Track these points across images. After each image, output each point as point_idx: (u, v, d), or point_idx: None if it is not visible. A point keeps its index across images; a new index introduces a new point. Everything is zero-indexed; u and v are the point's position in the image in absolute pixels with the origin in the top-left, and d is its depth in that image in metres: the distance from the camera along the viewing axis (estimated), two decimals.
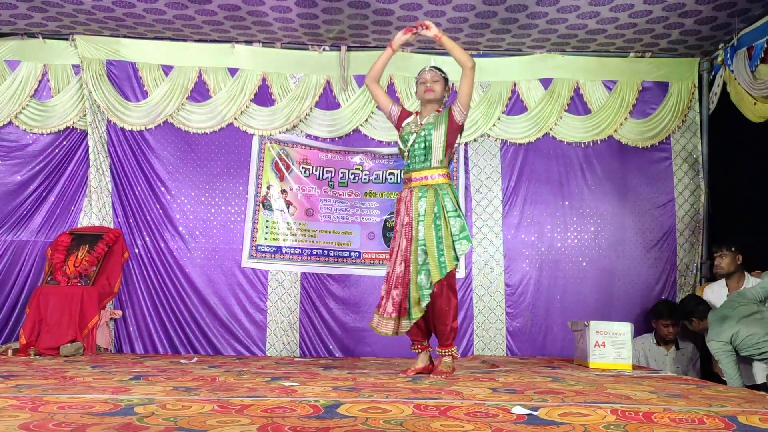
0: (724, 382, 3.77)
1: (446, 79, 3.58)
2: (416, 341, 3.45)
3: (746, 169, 4.80)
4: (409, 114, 3.62)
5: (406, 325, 3.32)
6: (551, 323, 4.92)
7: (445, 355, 3.39)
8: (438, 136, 3.38)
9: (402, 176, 3.69)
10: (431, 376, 3.27)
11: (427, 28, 3.46)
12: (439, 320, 3.34)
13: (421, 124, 3.44)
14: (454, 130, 3.43)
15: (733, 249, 4.30)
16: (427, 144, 3.38)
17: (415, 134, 3.42)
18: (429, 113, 3.51)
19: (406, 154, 3.45)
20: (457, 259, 3.29)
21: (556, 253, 5.08)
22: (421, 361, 3.42)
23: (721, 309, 3.91)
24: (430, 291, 3.25)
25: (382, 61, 3.64)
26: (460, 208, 3.36)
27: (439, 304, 3.29)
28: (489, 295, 5.00)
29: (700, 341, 4.55)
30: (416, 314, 3.27)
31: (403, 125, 3.55)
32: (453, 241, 3.26)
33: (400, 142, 3.51)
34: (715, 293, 4.38)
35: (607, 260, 5.07)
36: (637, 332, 4.63)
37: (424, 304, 3.25)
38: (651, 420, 1.97)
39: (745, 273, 4.34)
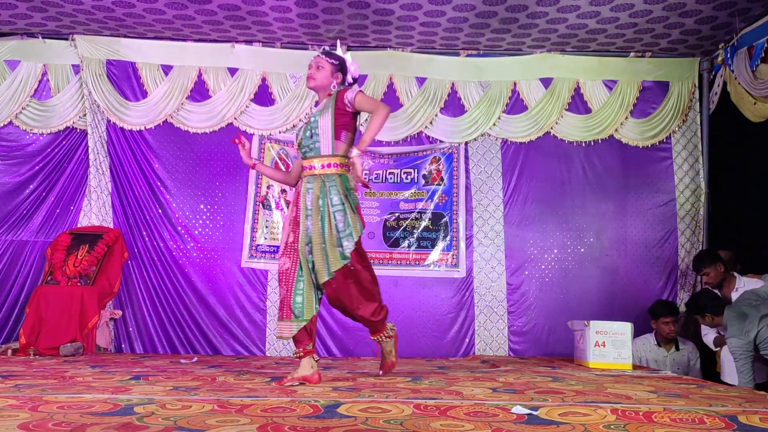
0: (723, 383, 3.77)
1: (337, 65, 3.18)
2: (299, 343, 2.93)
3: (746, 169, 4.80)
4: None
5: (291, 328, 2.91)
6: (554, 323, 4.90)
7: (381, 340, 3.19)
8: (324, 123, 3.05)
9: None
10: (380, 372, 3.16)
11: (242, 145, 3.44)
12: (353, 310, 3.05)
13: (311, 114, 3.17)
14: (342, 113, 3.06)
15: (713, 264, 4.33)
16: (314, 132, 3.06)
17: (305, 125, 3.13)
18: (323, 100, 3.18)
19: (296, 146, 3.19)
20: (346, 258, 2.93)
21: (557, 251, 5.07)
22: (305, 369, 2.87)
23: (738, 306, 3.89)
24: (321, 292, 2.98)
25: (270, 176, 3.68)
26: (349, 200, 3.00)
27: (342, 297, 2.99)
28: (490, 294, 5.00)
29: (700, 342, 4.55)
30: (303, 315, 2.90)
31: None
32: (340, 238, 2.93)
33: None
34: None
35: (609, 259, 5.07)
36: (639, 331, 4.62)
37: (315, 304, 2.96)
38: (651, 420, 1.97)
39: (735, 275, 4.33)
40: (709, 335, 4.40)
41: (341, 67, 3.21)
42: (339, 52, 3.27)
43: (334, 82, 3.17)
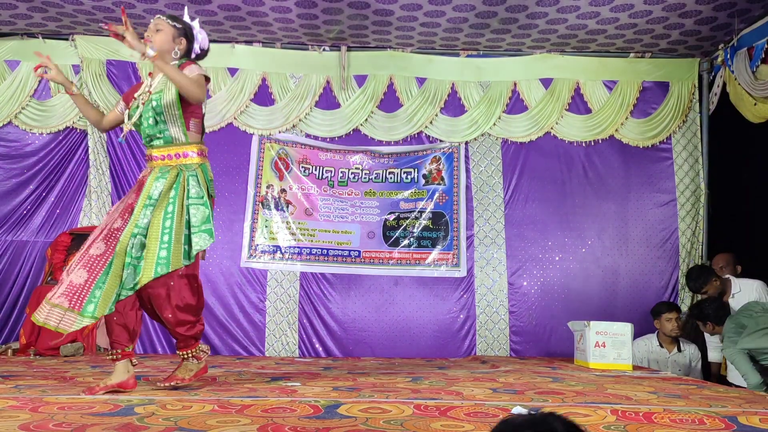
0: (729, 384, 3.76)
1: (179, 28, 2.77)
2: (117, 344, 2.60)
3: (746, 169, 4.81)
4: (140, 85, 2.88)
5: (72, 322, 2.45)
6: (555, 323, 4.90)
7: (187, 357, 2.79)
8: (169, 103, 2.66)
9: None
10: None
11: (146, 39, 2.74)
12: (163, 314, 2.72)
13: (149, 91, 2.71)
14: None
15: (709, 281, 4.28)
16: (158, 114, 2.69)
17: (141, 106, 2.72)
18: (158, 75, 2.76)
19: (129, 124, 2.78)
20: (190, 257, 2.66)
21: (558, 251, 5.07)
22: (120, 374, 2.56)
23: (738, 317, 3.87)
24: (130, 292, 2.54)
25: (80, 108, 2.97)
26: (208, 194, 2.72)
27: (163, 303, 2.68)
28: (492, 294, 5.00)
29: (702, 343, 4.55)
30: (94, 313, 2.46)
31: (132, 100, 2.81)
32: (190, 234, 2.63)
33: (129, 119, 2.80)
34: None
35: (610, 259, 5.07)
36: (639, 332, 4.61)
37: (111, 304, 2.49)
38: (651, 420, 1.97)
39: (730, 279, 4.32)
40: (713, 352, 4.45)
41: (186, 33, 2.79)
42: (186, 18, 2.86)
43: (176, 48, 2.74)
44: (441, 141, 5.18)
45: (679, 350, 4.53)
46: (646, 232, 5.09)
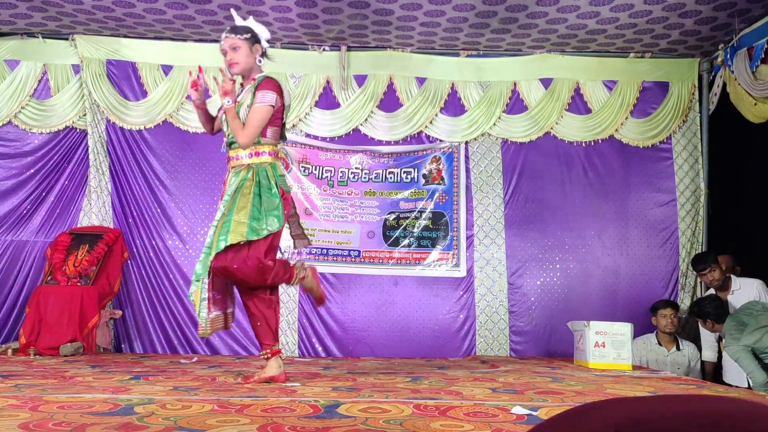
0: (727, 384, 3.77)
1: (249, 38, 2.93)
2: (266, 345, 2.89)
3: (746, 169, 4.81)
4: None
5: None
6: (555, 323, 4.90)
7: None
8: (245, 117, 2.89)
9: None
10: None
11: (225, 93, 2.87)
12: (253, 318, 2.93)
13: (236, 101, 2.92)
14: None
15: (716, 263, 4.32)
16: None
17: (222, 114, 3.00)
18: (248, 85, 2.98)
19: (225, 139, 3.01)
20: (258, 234, 2.74)
21: (558, 251, 5.08)
22: (273, 369, 2.84)
23: (739, 315, 3.88)
24: (204, 274, 2.79)
25: (200, 118, 3.21)
26: (278, 188, 2.87)
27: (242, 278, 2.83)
28: (491, 294, 5.00)
29: (698, 342, 4.56)
30: (191, 296, 2.80)
31: None
32: (261, 215, 2.77)
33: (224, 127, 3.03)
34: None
35: (610, 259, 5.07)
36: (640, 331, 4.63)
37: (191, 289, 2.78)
38: None
39: (731, 276, 4.34)
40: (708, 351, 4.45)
41: (255, 37, 2.96)
42: (238, 20, 3.00)
43: (256, 56, 2.96)
44: (441, 141, 5.18)
45: (678, 349, 4.54)
46: (646, 232, 5.09)
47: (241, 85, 3.04)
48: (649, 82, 5.17)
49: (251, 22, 3.01)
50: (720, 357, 4.39)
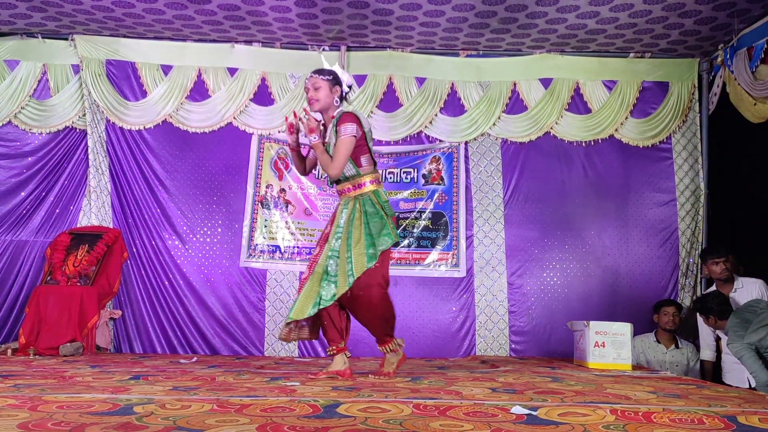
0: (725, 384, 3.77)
1: (331, 79, 3.21)
2: (333, 341, 3.17)
3: (746, 169, 4.81)
4: None
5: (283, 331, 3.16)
6: (555, 323, 4.90)
7: (387, 352, 3.22)
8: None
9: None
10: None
11: (311, 131, 3.18)
12: (361, 317, 3.21)
13: (325, 142, 3.23)
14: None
15: (728, 254, 4.33)
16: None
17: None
18: (329, 124, 3.24)
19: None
20: (375, 257, 3.06)
21: (558, 251, 5.07)
22: (338, 364, 3.13)
23: (743, 312, 3.88)
24: (329, 303, 3.05)
25: (294, 160, 3.47)
26: (384, 210, 3.17)
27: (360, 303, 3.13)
28: (491, 294, 5.00)
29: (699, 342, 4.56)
30: (289, 316, 3.09)
31: None
32: (374, 241, 3.08)
33: None
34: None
35: (609, 259, 5.07)
36: (640, 331, 4.65)
37: (308, 312, 3.04)
38: (650, 420, 1.97)
39: (734, 275, 4.35)
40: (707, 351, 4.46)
41: (336, 79, 3.23)
42: (326, 65, 3.29)
43: (335, 96, 3.22)
44: (441, 141, 5.18)
45: (677, 347, 4.55)
46: (646, 232, 5.09)
47: (323, 125, 3.28)
48: (648, 82, 5.17)
49: (336, 68, 3.28)
50: (719, 357, 4.39)
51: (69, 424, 1.74)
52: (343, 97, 3.26)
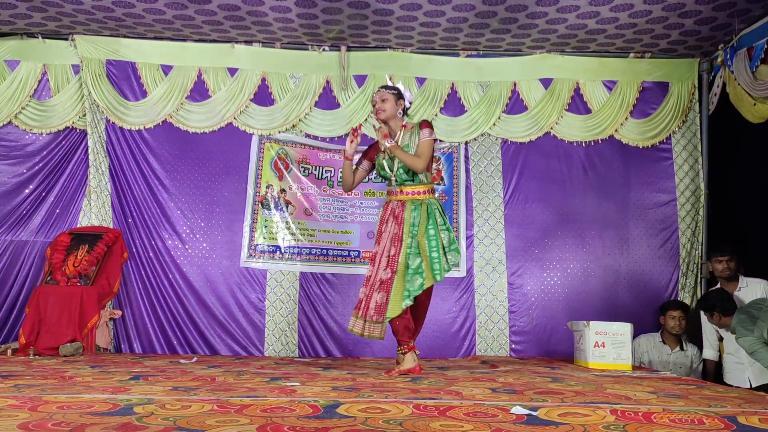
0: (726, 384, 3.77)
1: (396, 93, 3.60)
2: (403, 341, 3.44)
3: (746, 169, 4.81)
4: (376, 142, 3.68)
5: (378, 329, 3.40)
6: (555, 323, 4.90)
7: (404, 353, 3.47)
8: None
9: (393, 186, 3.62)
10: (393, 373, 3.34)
11: (385, 136, 3.52)
12: (421, 321, 3.64)
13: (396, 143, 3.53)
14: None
15: (733, 253, 4.34)
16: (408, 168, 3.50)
17: (391, 161, 3.53)
18: (397, 131, 3.59)
19: (393, 178, 3.55)
20: (449, 268, 3.47)
21: (558, 251, 5.07)
22: (410, 362, 3.41)
23: (748, 309, 3.89)
24: (418, 292, 3.39)
25: (346, 172, 3.66)
26: (447, 224, 3.53)
27: (422, 309, 3.61)
28: (491, 294, 5.00)
29: (699, 342, 4.56)
30: (390, 316, 3.36)
31: (377, 155, 3.63)
32: (445, 253, 3.43)
33: (382, 170, 3.58)
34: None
35: (610, 259, 5.06)
36: (640, 331, 4.66)
37: (402, 306, 3.34)
38: (650, 420, 1.97)
39: (738, 275, 4.35)
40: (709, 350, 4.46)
41: (400, 94, 3.60)
42: (390, 82, 3.71)
43: (399, 109, 3.58)
44: (441, 141, 5.18)
45: (682, 349, 4.56)
46: (646, 232, 5.09)
47: (385, 136, 3.55)
48: (648, 82, 5.17)
49: (400, 86, 3.67)
50: (721, 357, 4.40)
51: (69, 425, 1.75)
52: (405, 112, 3.62)
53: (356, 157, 3.70)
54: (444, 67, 5.19)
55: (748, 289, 4.25)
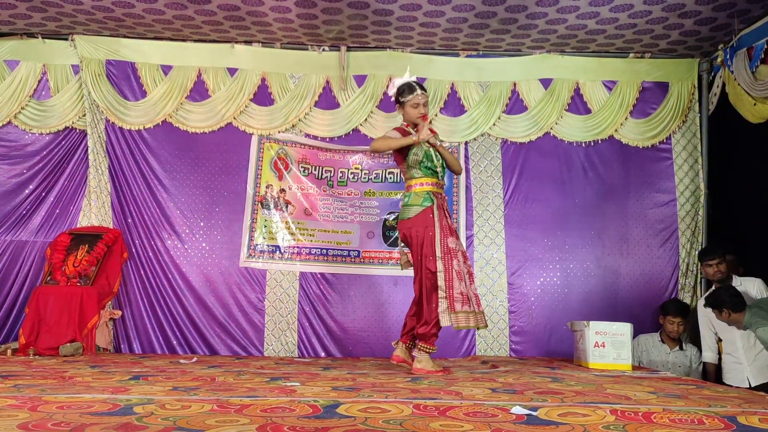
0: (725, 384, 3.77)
1: (426, 93, 3.79)
2: (434, 340, 3.55)
3: (745, 169, 4.81)
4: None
5: (483, 319, 3.54)
6: (555, 323, 4.90)
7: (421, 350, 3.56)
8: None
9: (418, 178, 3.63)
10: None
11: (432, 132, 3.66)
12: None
13: (430, 143, 3.68)
14: None
15: (725, 255, 4.34)
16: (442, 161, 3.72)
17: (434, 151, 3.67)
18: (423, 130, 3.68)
19: (438, 169, 3.65)
20: None
21: (558, 251, 5.07)
22: (431, 364, 3.51)
23: (759, 303, 3.89)
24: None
25: (398, 144, 3.62)
26: None
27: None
28: (491, 294, 5.00)
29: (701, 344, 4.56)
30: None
31: (417, 147, 3.63)
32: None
33: (430, 161, 3.61)
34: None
35: (610, 259, 5.06)
36: (640, 331, 4.66)
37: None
38: (650, 420, 1.97)
39: (732, 275, 4.35)
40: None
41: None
42: (408, 74, 3.81)
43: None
44: (441, 141, 5.17)
45: (681, 349, 4.56)
46: (646, 232, 5.09)
47: (433, 132, 3.69)
48: (648, 83, 5.17)
49: (398, 80, 3.81)
50: (720, 358, 4.40)
51: (69, 425, 1.74)
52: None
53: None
54: (444, 67, 5.19)
55: (742, 288, 4.24)
